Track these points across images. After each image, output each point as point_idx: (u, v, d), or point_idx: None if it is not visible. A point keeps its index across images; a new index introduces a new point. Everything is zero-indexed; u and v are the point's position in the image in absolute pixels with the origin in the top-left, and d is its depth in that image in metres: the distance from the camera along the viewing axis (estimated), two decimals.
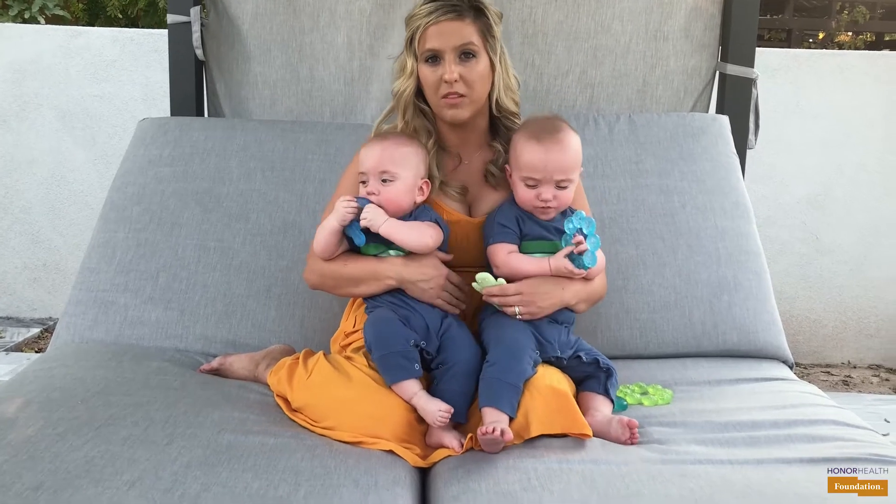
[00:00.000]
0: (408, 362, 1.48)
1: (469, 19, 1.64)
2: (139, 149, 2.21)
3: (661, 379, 1.79)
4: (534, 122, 1.65)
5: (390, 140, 1.62)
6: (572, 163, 1.61)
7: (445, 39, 1.62)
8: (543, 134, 1.59)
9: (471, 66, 1.64)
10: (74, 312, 1.95)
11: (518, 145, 1.62)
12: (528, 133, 1.61)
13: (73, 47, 3.39)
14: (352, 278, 1.63)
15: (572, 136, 1.62)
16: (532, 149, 1.59)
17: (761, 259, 2.06)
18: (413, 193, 1.61)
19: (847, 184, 3.34)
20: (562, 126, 1.62)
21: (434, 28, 1.63)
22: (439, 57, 1.63)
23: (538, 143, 1.58)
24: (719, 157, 2.17)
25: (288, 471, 1.30)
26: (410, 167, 1.60)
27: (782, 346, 1.98)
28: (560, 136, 1.60)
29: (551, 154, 1.58)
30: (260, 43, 2.41)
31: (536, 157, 1.58)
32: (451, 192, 1.73)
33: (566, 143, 1.60)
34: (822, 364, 3.43)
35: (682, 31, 2.39)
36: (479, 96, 1.67)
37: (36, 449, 1.29)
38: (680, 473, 1.30)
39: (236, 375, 1.77)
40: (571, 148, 1.61)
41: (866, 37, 6.45)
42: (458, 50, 1.63)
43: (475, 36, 1.64)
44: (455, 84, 1.62)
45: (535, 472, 1.32)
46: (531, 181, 1.59)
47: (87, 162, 3.44)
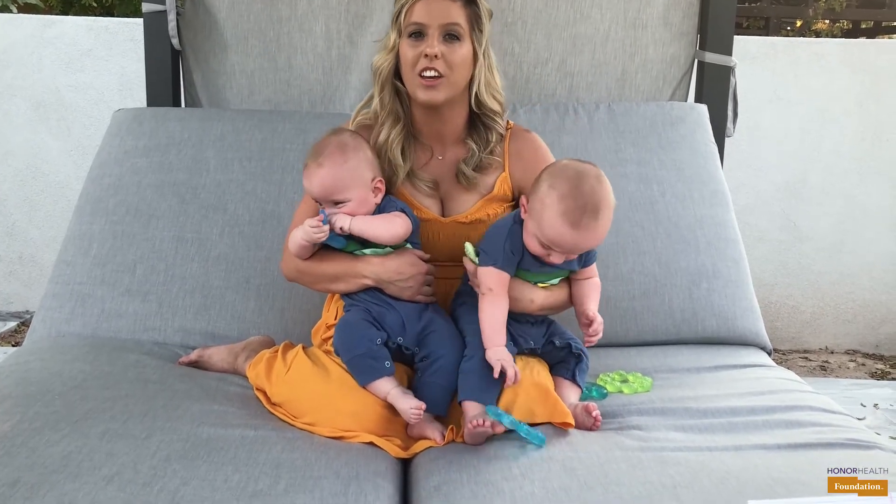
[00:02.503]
0: (375, 362, 1.47)
1: (461, 2, 1.60)
2: (115, 139, 2.18)
3: (641, 366, 1.80)
4: (573, 190, 1.41)
5: (326, 165, 1.53)
6: (601, 240, 1.47)
7: (432, 15, 1.58)
8: (583, 217, 1.40)
9: (454, 48, 1.59)
10: (51, 306, 1.92)
11: (548, 215, 1.42)
12: (566, 210, 1.40)
13: (47, 37, 3.33)
14: (329, 276, 1.60)
15: (608, 215, 1.44)
16: (567, 232, 1.41)
17: (739, 246, 2.08)
18: (370, 200, 1.56)
19: (824, 171, 3.37)
20: (601, 206, 1.42)
21: (423, 3, 1.58)
22: (423, 32, 1.58)
23: (574, 227, 1.40)
24: (698, 146, 2.18)
25: (268, 463, 1.30)
26: (357, 183, 1.55)
27: (760, 333, 1.99)
28: (598, 224, 1.42)
29: (582, 240, 1.44)
30: (237, 32, 2.39)
31: (570, 240, 1.42)
32: (422, 186, 1.68)
33: (602, 229, 1.44)
34: (800, 350, 3.47)
35: (661, 19, 2.40)
36: (456, 80, 1.61)
37: (12, 444, 1.28)
38: (659, 460, 1.31)
39: (215, 368, 1.75)
40: (604, 233, 1.45)
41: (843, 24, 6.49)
42: (444, 29, 1.58)
43: (463, 19, 1.59)
44: (435, 61, 1.57)
45: (516, 460, 1.33)
46: (548, 248, 1.46)
47: (63, 153, 3.40)
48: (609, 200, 1.44)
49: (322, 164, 1.53)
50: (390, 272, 1.55)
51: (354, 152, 1.56)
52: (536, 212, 1.45)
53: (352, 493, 1.25)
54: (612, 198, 1.46)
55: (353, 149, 1.56)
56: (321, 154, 1.54)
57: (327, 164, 1.53)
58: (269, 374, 1.59)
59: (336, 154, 1.54)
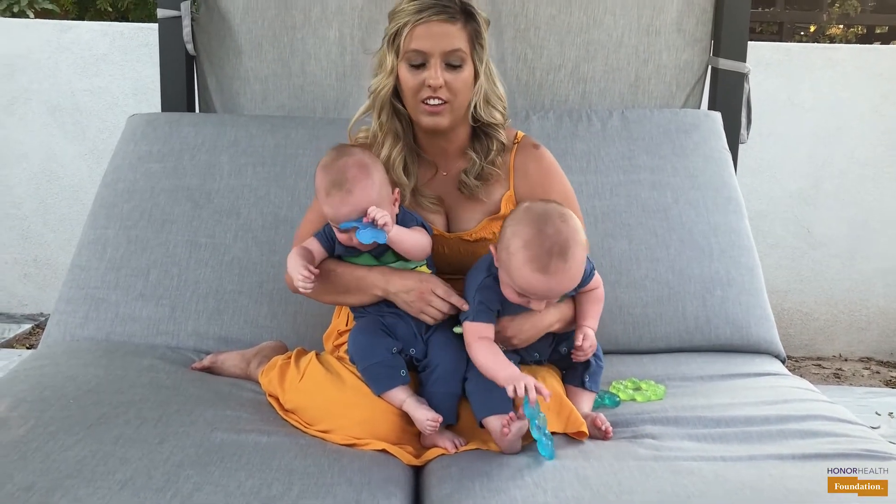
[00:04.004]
0: (391, 370, 1.47)
1: (460, 24, 1.53)
2: (129, 145, 2.19)
3: (654, 374, 1.79)
4: (538, 234, 1.36)
5: (356, 191, 1.46)
6: (574, 284, 1.42)
7: (434, 42, 1.50)
8: (551, 262, 1.34)
9: (456, 75, 1.53)
10: (65, 310, 1.94)
11: (515, 263, 1.37)
12: (532, 256, 1.35)
13: (63, 42, 3.36)
14: (339, 288, 1.57)
15: (578, 255, 1.37)
16: (537, 279, 1.36)
17: (753, 254, 2.07)
18: (393, 215, 1.51)
19: (838, 177, 3.35)
20: (568, 246, 1.35)
21: (423, 28, 1.51)
22: (425, 62, 1.52)
23: (543, 273, 1.35)
24: (712, 153, 2.17)
25: (281, 469, 1.30)
26: (385, 201, 1.50)
27: (774, 341, 1.98)
28: (567, 266, 1.35)
29: (555, 284, 1.37)
30: (251, 38, 2.40)
31: (541, 286, 1.37)
32: (427, 204, 1.64)
33: (573, 270, 1.37)
34: (814, 357, 3.45)
35: (675, 25, 2.39)
36: (460, 104, 1.56)
37: (27, 449, 1.29)
38: (673, 470, 1.31)
39: (228, 373, 1.76)
40: (576, 273, 1.39)
41: (857, 29, 6.46)
42: (446, 56, 1.51)
43: (464, 42, 1.53)
44: (439, 90, 1.51)
45: (529, 469, 1.32)
46: (524, 296, 1.41)
47: (78, 157, 3.42)
48: (577, 238, 1.37)
49: (351, 191, 1.46)
50: (397, 284, 1.52)
51: (376, 170, 1.51)
52: (504, 261, 1.40)
53: (364, 499, 1.25)
54: (581, 236, 1.39)
55: (373, 167, 1.51)
56: (345, 180, 1.47)
57: (356, 188, 1.46)
58: (283, 381, 1.59)
59: (361, 177, 1.48)
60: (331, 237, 1.56)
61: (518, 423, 1.36)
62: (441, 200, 1.66)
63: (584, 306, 1.55)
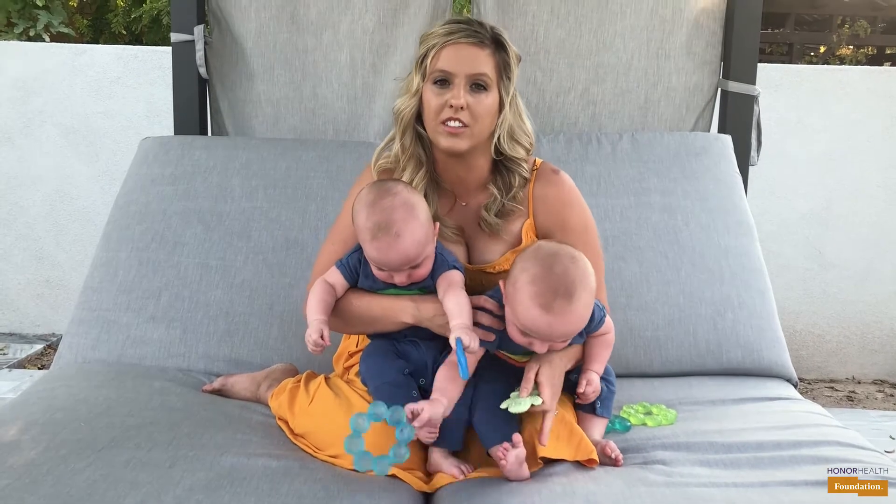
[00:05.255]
0: (403, 391, 1.45)
1: (489, 50, 1.51)
2: (141, 167, 2.21)
3: (665, 398, 1.78)
4: (545, 273, 1.35)
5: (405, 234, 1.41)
6: (578, 328, 1.39)
7: (460, 63, 1.49)
8: (555, 301, 1.33)
9: (480, 99, 1.50)
10: (77, 332, 1.95)
11: (520, 298, 1.36)
12: (537, 293, 1.34)
13: (78, 65, 3.40)
14: (365, 320, 1.54)
15: (584, 298, 1.35)
16: (540, 317, 1.34)
17: (765, 277, 2.06)
18: (433, 252, 1.49)
19: (849, 198, 3.34)
20: (574, 287, 1.34)
21: (451, 49, 1.50)
22: (449, 81, 1.50)
23: (546, 311, 1.33)
24: (722, 176, 2.17)
25: (291, 494, 1.30)
26: (430, 239, 1.45)
27: (786, 365, 1.97)
28: (572, 307, 1.34)
29: (557, 324, 1.35)
30: (263, 61, 2.42)
31: (543, 324, 1.35)
32: (447, 233, 1.60)
33: (577, 313, 1.35)
34: (826, 379, 3.42)
35: (684, 48, 2.40)
36: (480, 131, 1.53)
37: (38, 472, 1.29)
38: (684, 496, 1.30)
39: (238, 396, 1.76)
40: (581, 317, 1.37)
41: (867, 50, 6.47)
42: (471, 79, 1.49)
43: (491, 68, 1.51)
44: (460, 112, 1.49)
45: (539, 494, 1.31)
46: (526, 334, 1.39)
47: (91, 178, 3.46)
48: (586, 282, 1.36)
49: (400, 234, 1.40)
50: (429, 309, 1.49)
51: (421, 208, 1.45)
52: (510, 296, 1.39)
53: None
54: (589, 280, 1.37)
55: (418, 204, 1.45)
56: (392, 223, 1.41)
57: (405, 232, 1.41)
58: (292, 406, 1.59)
59: (409, 218, 1.42)
60: (354, 268, 1.53)
61: (514, 451, 1.36)
62: (461, 230, 1.63)
63: (592, 350, 1.53)
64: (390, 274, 1.46)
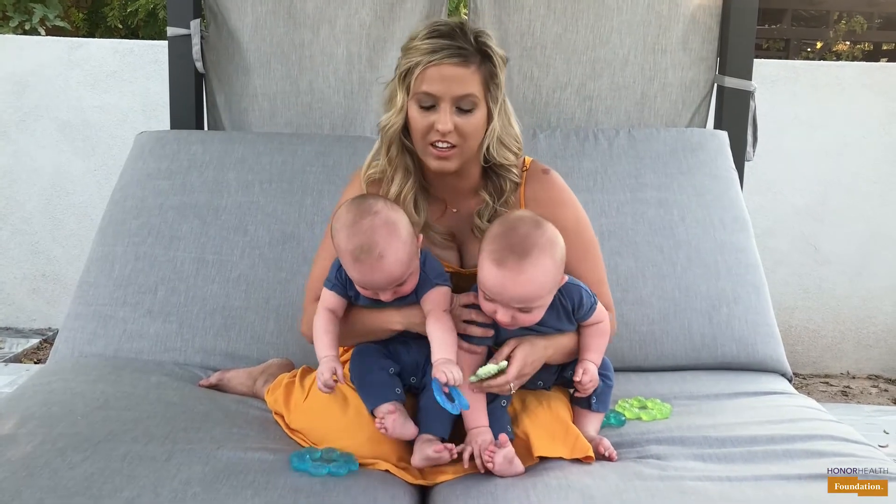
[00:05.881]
0: (386, 388, 1.45)
1: (474, 66, 1.45)
2: (137, 162, 2.21)
3: (660, 392, 1.79)
4: (505, 232, 1.37)
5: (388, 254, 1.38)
6: (535, 294, 1.36)
7: (446, 87, 1.43)
8: (508, 257, 1.33)
9: (467, 119, 1.46)
10: (73, 326, 1.95)
11: (481, 256, 1.37)
12: (493, 249, 1.35)
13: (74, 59, 3.39)
14: (359, 334, 1.54)
15: (541, 262, 1.34)
16: (491, 271, 1.34)
17: (760, 272, 2.07)
18: (418, 267, 1.46)
19: (845, 194, 3.35)
20: (531, 249, 1.34)
21: (435, 70, 1.43)
22: (435, 104, 1.45)
23: (498, 266, 1.33)
24: (718, 172, 2.18)
25: (287, 488, 1.30)
26: (413, 256, 1.43)
27: (781, 360, 1.98)
28: (525, 266, 1.32)
29: (509, 282, 1.34)
30: (260, 55, 2.42)
31: (495, 281, 1.34)
32: (438, 239, 1.59)
33: (530, 273, 1.33)
34: (821, 374, 3.43)
35: (680, 43, 2.41)
36: (470, 148, 1.50)
37: (35, 465, 1.29)
38: (678, 490, 1.31)
39: (234, 391, 1.76)
40: (535, 280, 1.34)
41: (864, 46, 6.47)
42: (457, 101, 1.44)
43: (477, 86, 1.45)
44: (448, 135, 1.45)
45: (535, 488, 1.32)
46: (488, 298, 1.39)
47: (87, 173, 3.45)
48: (548, 249, 1.35)
49: (384, 255, 1.38)
50: (416, 314, 1.48)
51: (403, 225, 1.42)
52: (478, 261, 1.39)
53: None
54: (554, 250, 1.36)
55: (400, 222, 1.42)
56: (374, 244, 1.38)
57: (389, 252, 1.38)
58: (288, 401, 1.59)
59: (392, 238, 1.39)
60: (343, 282, 1.50)
61: (502, 451, 1.36)
62: (453, 236, 1.62)
63: (586, 339, 1.52)
64: (375, 292, 1.44)
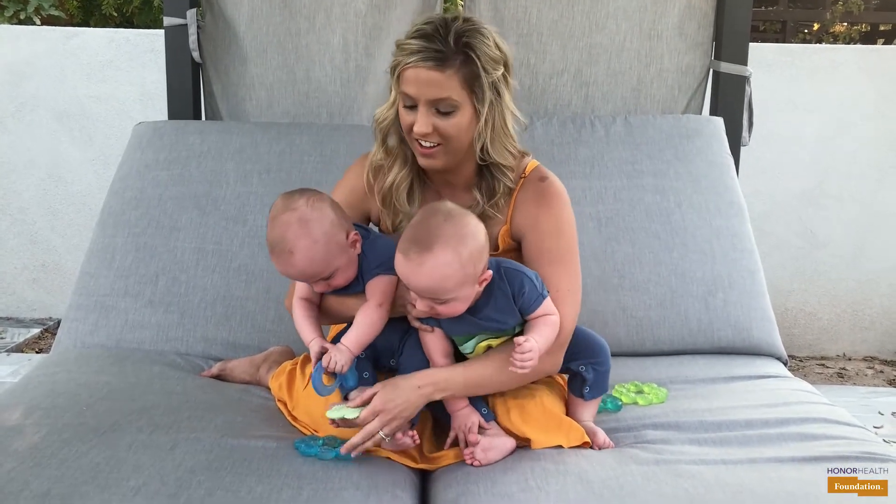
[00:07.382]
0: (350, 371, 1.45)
1: (452, 69, 1.40)
2: (136, 153, 2.22)
3: (657, 377, 1.81)
4: (417, 222, 1.36)
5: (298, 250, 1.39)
6: (437, 287, 1.32)
7: (420, 90, 1.42)
8: (411, 248, 1.32)
9: (447, 120, 1.44)
10: (75, 317, 1.96)
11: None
12: (403, 238, 1.35)
13: (69, 48, 3.39)
14: (334, 318, 1.57)
15: (442, 256, 1.30)
16: (398, 261, 1.34)
17: (755, 257, 2.08)
18: (353, 258, 1.46)
19: (841, 178, 3.36)
20: (434, 242, 1.31)
21: (412, 73, 1.41)
22: (414, 105, 1.44)
23: (403, 257, 1.33)
24: (714, 158, 2.19)
25: (290, 475, 1.33)
26: (336, 251, 1.42)
27: (776, 343, 2.00)
28: (425, 258, 1.30)
29: (411, 274, 1.33)
30: (256, 45, 2.43)
31: (401, 271, 1.35)
32: None
33: (430, 266, 1.30)
34: (818, 357, 3.46)
35: (676, 29, 2.41)
36: (456, 147, 1.47)
37: (42, 455, 1.31)
38: (674, 473, 1.33)
39: (237, 380, 1.78)
40: (436, 273, 1.31)
41: (861, 27, 6.46)
42: (434, 104, 1.42)
43: (455, 90, 1.41)
44: (429, 136, 1.44)
45: (532, 472, 1.34)
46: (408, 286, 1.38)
47: (85, 162, 3.45)
48: (454, 242, 1.31)
49: (293, 251, 1.39)
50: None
51: (318, 222, 1.41)
52: None
53: (371, 503, 1.28)
54: (463, 242, 1.32)
55: (315, 219, 1.41)
56: (285, 241, 1.39)
57: (298, 249, 1.39)
58: (290, 388, 1.61)
59: (303, 236, 1.39)
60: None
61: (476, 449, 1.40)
62: None
63: (532, 325, 1.43)
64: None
